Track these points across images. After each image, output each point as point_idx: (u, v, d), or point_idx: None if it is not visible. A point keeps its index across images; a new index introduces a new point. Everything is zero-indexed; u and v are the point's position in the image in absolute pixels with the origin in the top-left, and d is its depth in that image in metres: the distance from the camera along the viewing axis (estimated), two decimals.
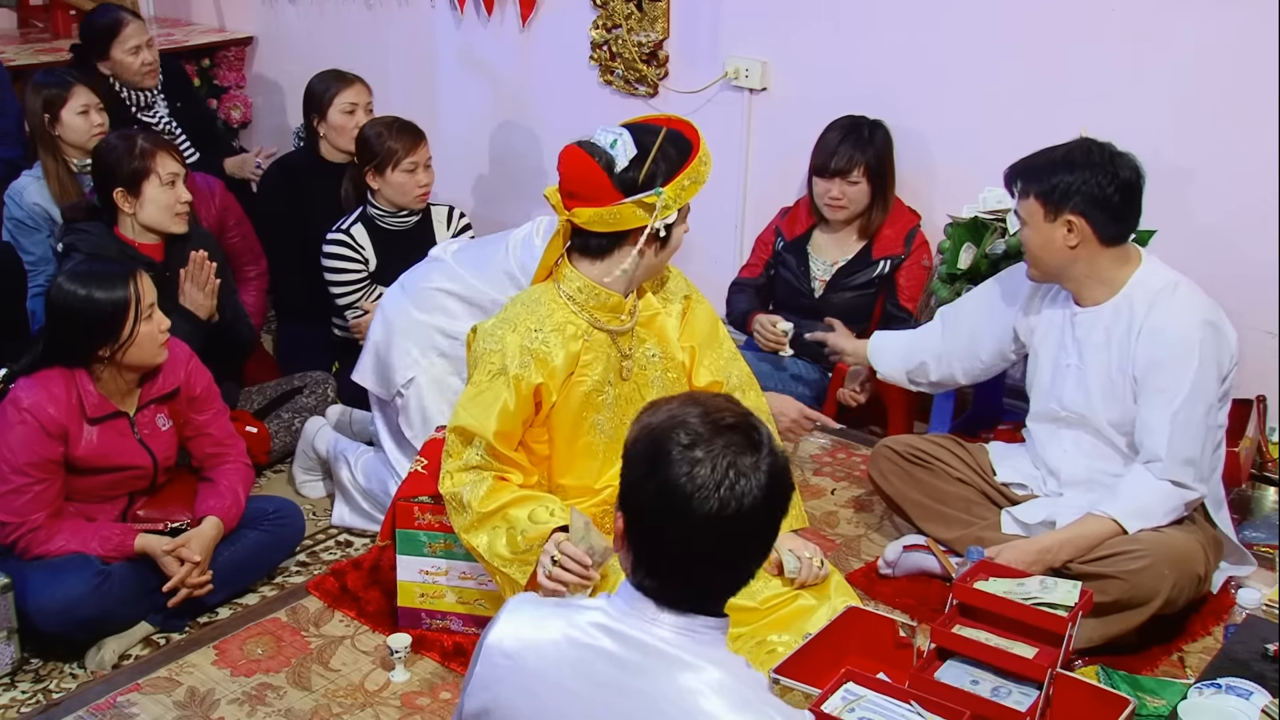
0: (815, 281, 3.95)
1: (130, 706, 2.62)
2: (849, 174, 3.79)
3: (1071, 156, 2.77)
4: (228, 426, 3.19)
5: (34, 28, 5.58)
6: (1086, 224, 2.75)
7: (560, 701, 1.64)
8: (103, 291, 2.85)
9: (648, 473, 1.61)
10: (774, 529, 1.65)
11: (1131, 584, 2.66)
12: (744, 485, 1.57)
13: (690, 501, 1.57)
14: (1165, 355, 2.74)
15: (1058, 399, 2.93)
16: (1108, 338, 2.83)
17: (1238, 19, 3.32)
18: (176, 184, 3.44)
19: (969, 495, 3.06)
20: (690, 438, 1.59)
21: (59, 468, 2.88)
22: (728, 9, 4.23)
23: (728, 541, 1.60)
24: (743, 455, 1.59)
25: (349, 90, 4.11)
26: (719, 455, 1.58)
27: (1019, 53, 3.69)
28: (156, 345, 2.94)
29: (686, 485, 1.57)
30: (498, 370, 2.57)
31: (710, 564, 1.61)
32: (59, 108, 3.84)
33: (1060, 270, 2.84)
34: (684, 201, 2.54)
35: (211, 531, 2.99)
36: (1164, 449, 2.73)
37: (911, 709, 2.19)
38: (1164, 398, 2.74)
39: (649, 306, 2.74)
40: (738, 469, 1.58)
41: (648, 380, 2.71)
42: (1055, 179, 2.76)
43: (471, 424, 2.57)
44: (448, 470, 2.61)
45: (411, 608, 2.84)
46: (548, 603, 1.75)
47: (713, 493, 1.56)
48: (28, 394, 2.85)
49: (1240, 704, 2.33)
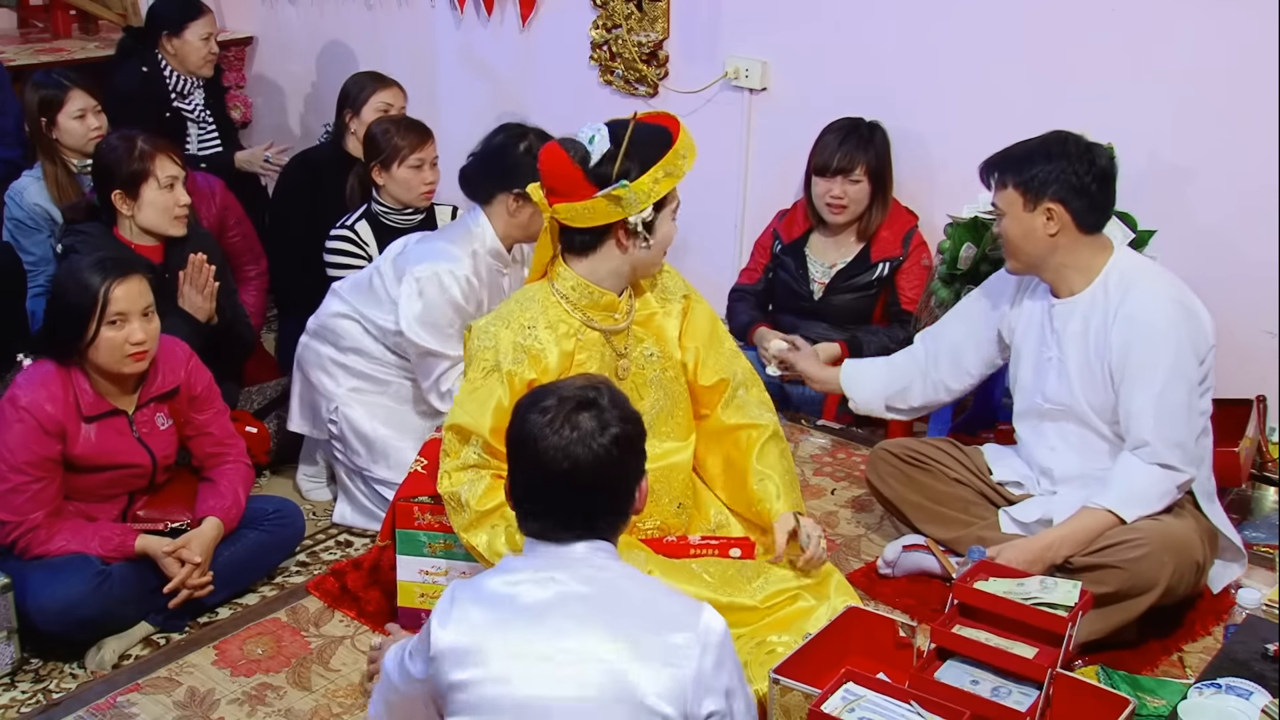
0: (814, 284, 3.95)
1: (130, 706, 2.62)
2: (851, 173, 3.79)
3: (1048, 147, 2.81)
4: (228, 426, 3.19)
5: (34, 28, 5.58)
6: (1066, 211, 2.77)
7: (542, 641, 1.91)
8: (75, 286, 2.84)
9: (517, 436, 2.05)
10: (614, 476, 2.02)
11: (1131, 573, 2.67)
12: (585, 445, 1.98)
13: (538, 452, 1.99)
14: (1139, 338, 2.76)
15: (1041, 392, 2.94)
16: (1085, 326, 2.84)
17: (1238, 19, 3.32)
18: (175, 187, 3.43)
19: (966, 495, 3.06)
20: (547, 412, 2.01)
21: (57, 466, 2.88)
22: (728, 9, 4.23)
23: (574, 484, 1.99)
24: (579, 416, 2.00)
25: (386, 91, 4.18)
26: (562, 423, 1.99)
27: (1019, 52, 3.69)
28: (121, 355, 2.87)
29: (543, 444, 1.99)
30: (491, 367, 2.58)
31: (566, 499, 2.00)
32: (55, 111, 3.86)
33: (1040, 260, 2.86)
34: (658, 195, 2.53)
35: (212, 532, 2.99)
36: (1150, 432, 2.74)
37: (911, 709, 2.19)
38: (1144, 381, 2.75)
39: (646, 306, 2.74)
40: (577, 429, 1.98)
41: (645, 380, 2.71)
42: (1033, 169, 2.78)
43: (467, 421, 2.58)
44: (445, 470, 2.61)
45: (411, 608, 2.84)
46: (465, 585, 2.03)
47: (555, 446, 1.98)
48: (25, 392, 2.84)
49: (1240, 704, 2.33)
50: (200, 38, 4.45)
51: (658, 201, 2.55)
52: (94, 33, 5.53)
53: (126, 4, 5.34)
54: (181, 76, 4.50)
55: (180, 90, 4.51)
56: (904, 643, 2.49)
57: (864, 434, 3.84)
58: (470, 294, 3.36)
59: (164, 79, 4.48)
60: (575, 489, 1.99)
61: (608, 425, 1.99)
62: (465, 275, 3.35)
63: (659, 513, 2.71)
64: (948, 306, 3.56)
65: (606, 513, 2.04)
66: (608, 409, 2.01)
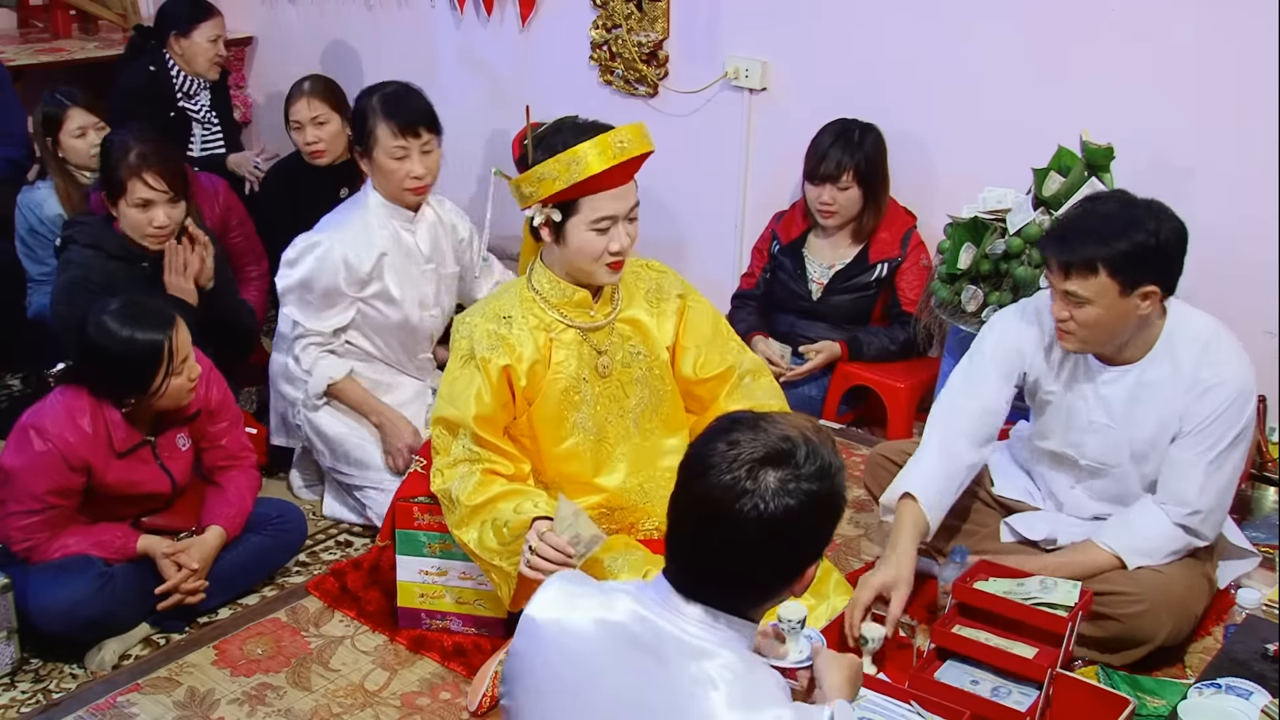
0: (812, 284, 3.95)
1: (130, 706, 2.62)
2: (838, 179, 3.79)
3: (1132, 222, 2.54)
4: (241, 439, 3.16)
5: (34, 28, 5.58)
6: (1159, 288, 2.57)
7: (578, 675, 1.72)
8: (140, 340, 2.78)
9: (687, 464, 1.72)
10: (788, 547, 1.69)
11: (1128, 627, 2.63)
12: (755, 499, 1.64)
13: (706, 487, 1.66)
14: (1218, 408, 2.62)
15: (1075, 448, 2.81)
16: (1143, 393, 2.68)
17: (1238, 19, 3.32)
18: (151, 209, 3.30)
19: (965, 502, 2.96)
20: (730, 448, 1.67)
21: (77, 495, 2.87)
22: (728, 9, 4.23)
23: (741, 543, 1.66)
24: (767, 471, 1.66)
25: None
26: (742, 466, 1.65)
27: (1020, 52, 3.69)
28: (184, 393, 2.90)
29: (715, 486, 1.66)
30: (466, 355, 2.60)
31: (721, 561, 1.68)
32: (57, 130, 3.88)
33: (1114, 339, 2.66)
34: (545, 193, 2.47)
35: (214, 540, 2.98)
36: (1194, 496, 2.64)
37: (911, 709, 2.19)
38: (1202, 446, 2.63)
39: (633, 305, 2.72)
40: (756, 481, 1.65)
41: (632, 378, 2.70)
42: (1128, 250, 2.51)
43: (451, 413, 2.59)
44: (438, 468, 2.62)
45: (411, 608, 2.84)
46: (585, 582, 1.82)
47: (733, 495, 1.64)
48: (54, 423, 2.80)
49: (1240, 704, 2.34)
50: (208, 39, 4.49)
51: (565, 206, 2.49)
52: (94, 33, 5.54)
53: (126, 4, 5.35)
54: (188, 77, 4.53)
55: (187, 91, 4.54)
56: (904, 643, 2.49)
57: (864, 434, 3.84)
58: (346, 269, 3.33)
59: (171, 79, 4.51)
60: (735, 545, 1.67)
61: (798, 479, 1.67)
62: (340, 249, 3.32)
63: (658, 513, 2.71)
64: (948, 306, 3.57)
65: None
66: (803, 463, 1.68)
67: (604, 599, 1.76)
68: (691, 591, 1.70)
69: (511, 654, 1.82)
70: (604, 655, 1.71)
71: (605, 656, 1.71)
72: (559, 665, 1.74)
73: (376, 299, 3.41)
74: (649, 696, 1.66)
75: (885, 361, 3.89)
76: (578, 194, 2.48)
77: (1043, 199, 3.43)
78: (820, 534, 1.73)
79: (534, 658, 1.77)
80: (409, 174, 3.34)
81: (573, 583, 1.82)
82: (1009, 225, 3.46)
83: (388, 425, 3.40)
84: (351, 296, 3.38)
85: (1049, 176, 3.43)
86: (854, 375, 3.88)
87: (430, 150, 3.37)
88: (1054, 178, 3.42)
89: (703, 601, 1.70)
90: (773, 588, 1.73)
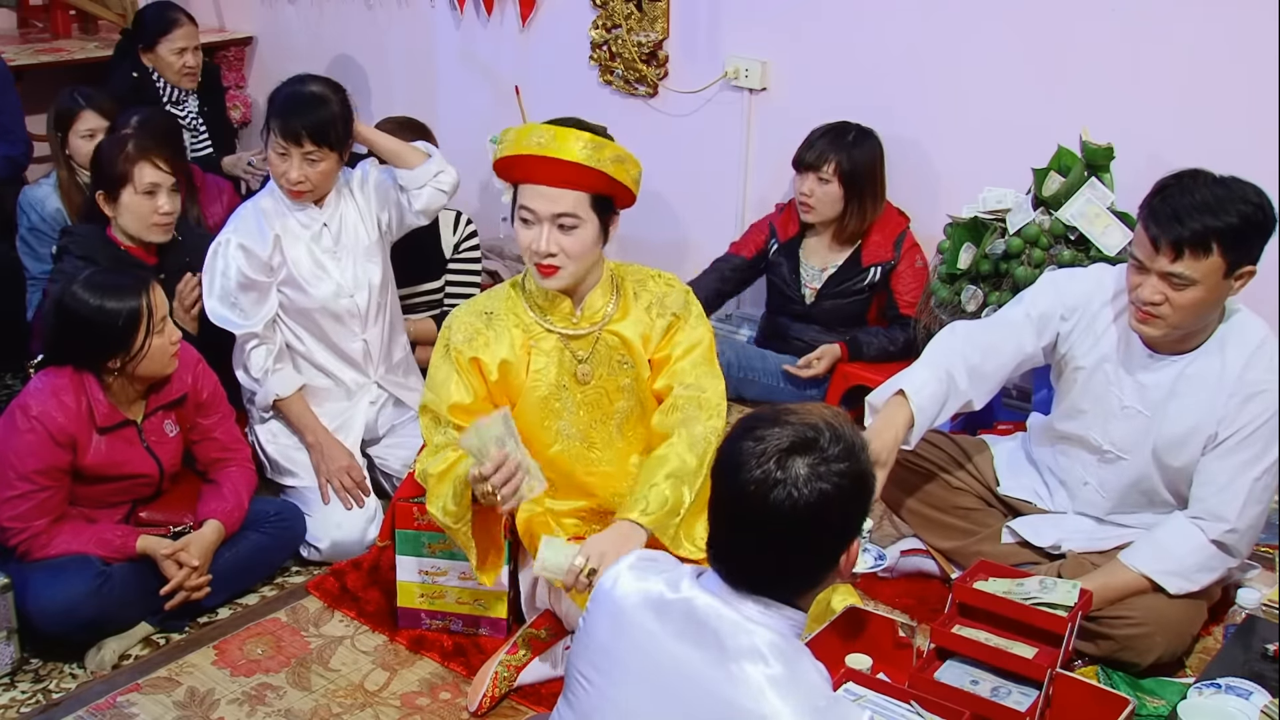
0: (805, 288, 3.95)
1: (130, 706, 2.62)
2: (819, 169, 3.77)
3: (1237, 198, 2.44)
4: (234, 431, 3.18)
5: (34, 28, 5.58)
6: (1252, 268, 2.48)
7: (633, 640, 1.77)
8: (115, 302, 2.80)
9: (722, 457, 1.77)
10: (827, 531, 1.73)
11: (1123, 646, 2.62)
12: (789, 489, 1.68)
13: (739, 484, 1.70)
14: (1262, 416, 2.53)
15: (1103, 434, 2.72)
16: (1184, 386, 2.59)
17: (1238, 19, 3.32)
18: (157, 194, 3.32)
19: (968, 503, 2.97)
20: (756, 443, 1.71)
21: (65, 475, 2.87)
22: (728, 9, 4.23)
23: (780, 533, 1.70)
24: (795, 459, 1.69)
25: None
26: (770, 457, 1.69)
27: (1020, 52, 3.69)
28: (168, 356, 2.91)
29: (748, 481, 1.69)
30: (444, 348, 2.65)
31: (765, 553, 1.72)
32: (68, 128, 3.87)
33: (1197, 325, 2.55)
34: (491, 163, 2.61)
35: (212, 535, 2.98)
36: (1233, 512, 2.55)
37: (911, 709, 2.19)
38: (1244, 457, 2.54)
39: (629, 316, 2.69)
40: (786, 471, 1.68)
41: (618, 386, 2.70)
42: (1243, 230, 2.42)
43: (430, 401, 2.64)
44: (421, 457, 2.65)
45: (411, 608, 2.84)
46: (661, 560, 1.89)
47: (766, 487, 1.68)
48: (37, 401, 2.82)
49: (1240, 704, 2.34)
50: (173, 52, 4.35)
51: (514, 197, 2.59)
52: (94, 33, 5.53)
53: (126, 4, 5.34)
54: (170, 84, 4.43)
55: (173, 98, 4.44)
56: (904, 643, 2.49)
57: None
58: (245, 254, 3.27)
59: (154, 85, 4.41)
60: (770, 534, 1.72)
61: (828, 462, 1.70)
62: (238, 241, 3.27)
63: None
64: (948, 306, 3.56)
65: None
66: (828, 447, 1.71)
67: (671, 577, 1.81)
68: (743, 589, 1.75)
69: (585, 630, 1.86)
70: (659, 622, 1.76)
71: (660, 623, 1.76)
72: (618, 623, 1.80)
73: (285, 285, 3.34)
74: (694, 670, 1.71)
75: (885, 362, 3.88)
76: (513, 176, 2.56)
77: (1042, 199, 3.43)
78: (855, 512, 1.76)
79: (596, 612, 1.84)
80: (284, 175, 3.27)
81: (645, 559, 1.88)
82: (1009, 225, 3.46)
83: (319, 449, 3.33)
84: (267, 281, 3.31)
85: (1049, 176, 3.43)
86: (854, 375, 3.88)
87: (317, 161, 3.25)
88: (1054, 178, 3.42)
89: (754, 593, 1.74)
90: (820, 572, 1.77)
